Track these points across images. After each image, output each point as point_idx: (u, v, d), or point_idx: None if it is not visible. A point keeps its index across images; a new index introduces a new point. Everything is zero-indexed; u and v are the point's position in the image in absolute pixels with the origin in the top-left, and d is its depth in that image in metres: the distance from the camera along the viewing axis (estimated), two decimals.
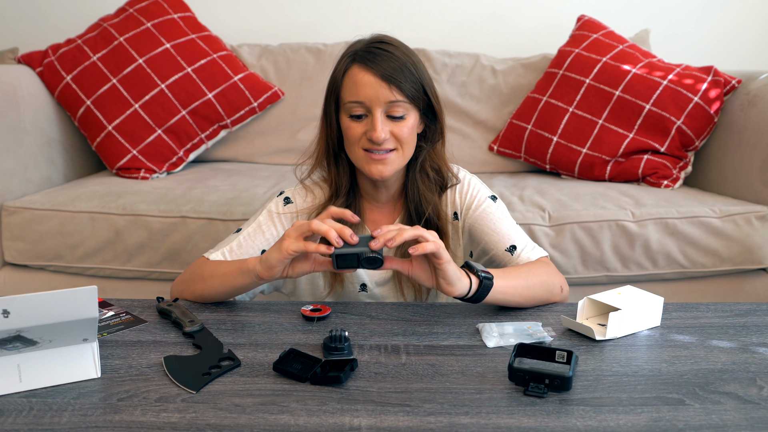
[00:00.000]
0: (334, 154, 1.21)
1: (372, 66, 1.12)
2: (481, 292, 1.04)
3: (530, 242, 1.24)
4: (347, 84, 1.14)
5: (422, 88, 1.15)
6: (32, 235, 1.70)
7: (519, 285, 1.10)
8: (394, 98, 1.12)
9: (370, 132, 1.13)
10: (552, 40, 2.32)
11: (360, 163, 1.17)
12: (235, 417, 0.79)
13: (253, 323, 1.06)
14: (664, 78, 1.99)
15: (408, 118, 1.15)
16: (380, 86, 1.11)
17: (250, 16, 2.48)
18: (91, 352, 0.88)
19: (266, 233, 1.21)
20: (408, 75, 1.13)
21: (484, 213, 1.23)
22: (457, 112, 2.21)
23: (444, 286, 1.01)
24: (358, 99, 1.12)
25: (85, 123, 2.03)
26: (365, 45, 1.15)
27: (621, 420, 0.79)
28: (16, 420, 0.78)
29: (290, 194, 1.26)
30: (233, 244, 1.19)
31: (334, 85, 1.16)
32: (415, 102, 1.15)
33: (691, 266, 1.73)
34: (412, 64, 1.14)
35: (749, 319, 1.09)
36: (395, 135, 1.14)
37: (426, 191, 1.21)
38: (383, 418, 0.79)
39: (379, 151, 1.14)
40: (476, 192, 1.25)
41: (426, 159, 1.22)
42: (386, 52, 1.13)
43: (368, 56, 1.12)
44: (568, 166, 2.04)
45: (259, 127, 2.21)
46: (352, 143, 1.16)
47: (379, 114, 1.12)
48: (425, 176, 1.22)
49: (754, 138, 1.84)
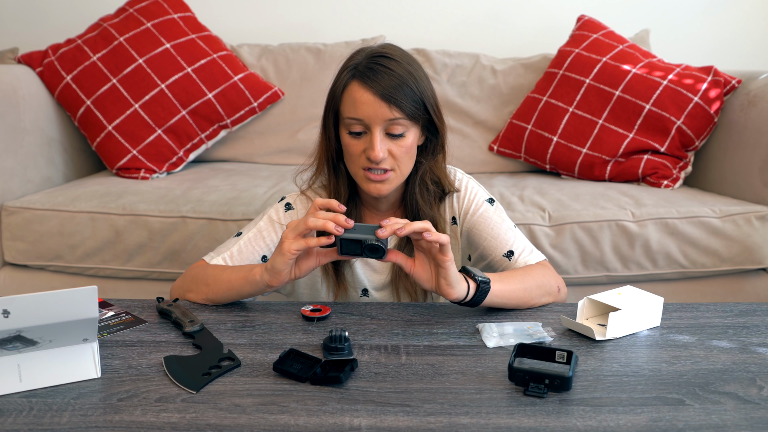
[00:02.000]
0: (333, 165, 1.21)
1: (371, 84, 1.09)
2: (478, 296, 1.05)
3: (528, 246, 1.23)
4: (346, 100, 1.12)
5: (422, 104, 1.13)
6: (32, 235, 1.70)
7: (516, 288, 1.10)
8: (393, 116, 1.10)
9: (369, 151, 1.11)
10: (552, 40, 2.32)
11: (359, 180, 1.17)
12: (235, 417, 0.79)
13: (253, 323, 1.06)
14: (664, 78, 1.99)
15: (407, 136, 1.13)
16: (379, 105, 1.09)
17: (250, 16, 2.48)
18: (91, 352, 0.88)
19: (266, 239, 1.21)
20: (408, 92, 1.10)
21: (481, 218, 1.23)
22: (457, 112, 2.21)
23: (444, 287, 1.01)
24: (357, 116, 1.11)
25: (85, 123, 2.03)
26: (366, 59, 1.12)
27: (621, 420, 0.79)
28: (16, 420, 0.78)
29: (291, 200, 1.25)
30: (233, 250, 1.19)
31: (334, 99, 1.15)
32: (415, 119, 1.13)
33: (691, 266, 1.73)
34: (413, 79, 1.12)
35: (749, 319, 1.09)
36: (393, 155, 1.12)
37: (424, 205, 1.20)
38: (383, 418, 0.79)
39: (377, 170, 1.13)
40: (474, 196, 1.25)
41: (426, 171, 1.21)
42: (386, 68, 1.10)
43: (368, 73, 1.10)
44: (568, 166, 2.04)
45: (259, 127, 2.21)
46: (352, 160, 1.15)
47: (377, 132, 1.11)
48: (425, 189, 1.21)
49: (754, 138, 1.84)
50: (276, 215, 1.23)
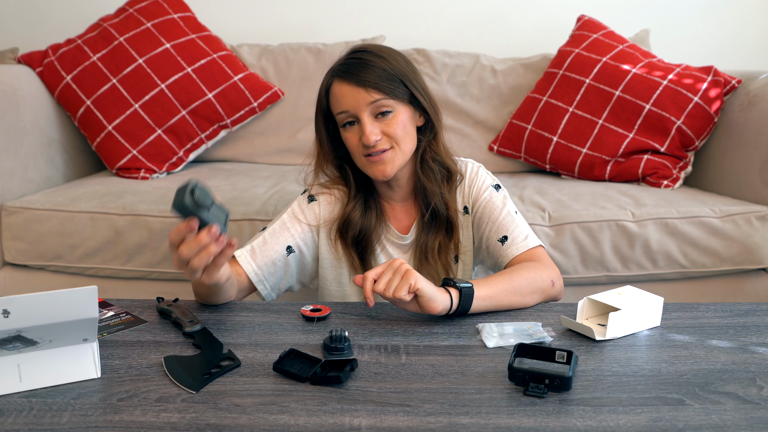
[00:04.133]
0: (337, 165, 1.28)
1: (346, 76, 1.18)
2: (464, 302, 1.05)
3: (524, 232, 1.25)
4: (331, 99, 1.21)
5: (400, 82, 1.19)
6: (32, 235, 1.70)
7: (503, 289, 1.10)
8: (373, 99, 1.16)
9: (362, 137, 1.17)
10: (552, 40, 2.32)
11: (364, 168, 1.22)
12: (235, 417, 0.79)
13: (253, 323, 1.06)
14: (664, 78, 1.99)
15: (397, 114, 1.19)
16: (358, 92, 1.17)
17: (250, 16, 2.48)
18: (91, 352, 0.88)
19: (291, 230, 1.26)
20: (381, 73, 1.17)
21: (485, 202, 1.27)
22: (457, 112, 2.21)
23: (425, 303, 1.02)
24: (343, 109, 1.19)
25: (85, 123, 2.03)
26: (342, 59, 1.21)
27: (621, 420, 0.79)
28: (16, 420, 0.78)
29: (314, 192, 1.30)
30: (258, 240, 1.24)
31: (320, 103, 1.23)
32: (398, 96, 1.18)
33: (691, 266, 1.73)
34: (386, 62, 1.18)
35: (749, 319, 1.09)
36: (387, 133, 1.18)
37: (428, 183, 1.25)
38: (383, 418, 0.79)
39: (375, 152, 1.18)
40: (482, 183, 1.29)
41: (427, 151, 1.26)
42: (359, 59, 1.19)
43: (343, 68, 1.19)
44: (568, 166, 2.04)
45: (259, 127, 2.21)
46: (354, 152, 1.22)
47: (366, 117, 1.17)
48: (428, 169, 1.25)
49: (754, 138, 1.84)
50: (299, 207, 1.28)
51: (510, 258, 1.22)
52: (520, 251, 1.21)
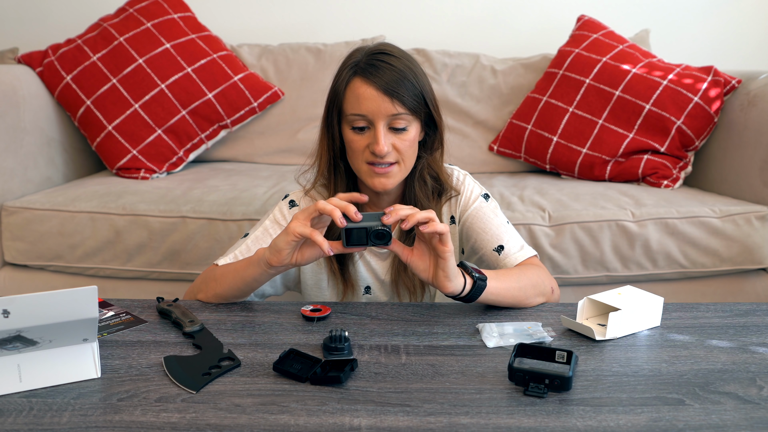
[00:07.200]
0: (334, 163, 1.22)
1: (373, 79, 1.11)
2: (474, 292, 1.05)
3: (519, 242, 1.24)
4: (349, 97, 1.14)
5: (423, 99, 1.15)
6: (32, 235, 1.70)
7: (511, 287, 1.11)
8: (396, 111, 1.12)
9: (373, 145, 1.13)
10: (552, 40, 2.32)
11: (363, 176, 1.18)
12: (235, 417, 0.79)
13: (253, 323, 1.06)
14: (664, 78, 1.99)
15: (410, 130, 1.15)
16: (382, 99, 1.11)
17: (250, 16, 2.48)
18: (91, 352, 0.88)
19: (273, 236, 1.22)
20: (409, 87, 1.13)
21: (475, 212, 1.25)
22: (457, 112, 2.21)
23: (441, 279, 1.01)
24: (360, 112, 1.13)
25: (85, 123, 2.03)
26: (366, 56, 1.14)
27: (621, 420, 0.79)
28: (16, 420, 0.78)
29: (296, 198, 1.27)
30: (242, 248, 1.20)
31: (336, 96, 1.17)
32: (417, 113, 1.15)
33: (691, 266, 1.73)
34: (413, 74, 1.14)
35: (749, 319, 1.09)
36: (397, 148, 1.14)
37: (423, 198, 1.22)
38: (383, 418, 0.79)
39: (382, 164, 1.15)
40: (470, 192, 1.27)
41: (425, 167, 1.23)
42: (387, 64, 1.13)
43: (369, 69, 1.12)
44: (568, 166, 2.04)
45: (259, 127, 2.21)
46: (356, 156, 1.17)
47: (381, 127, 1.13)
48: (423, 183, 1.23)
49: (754, 138, 1.84)
50: (280, 213, 1.25)
51: (508, 267, 1.21)
52: (518, 260, 1.20)
